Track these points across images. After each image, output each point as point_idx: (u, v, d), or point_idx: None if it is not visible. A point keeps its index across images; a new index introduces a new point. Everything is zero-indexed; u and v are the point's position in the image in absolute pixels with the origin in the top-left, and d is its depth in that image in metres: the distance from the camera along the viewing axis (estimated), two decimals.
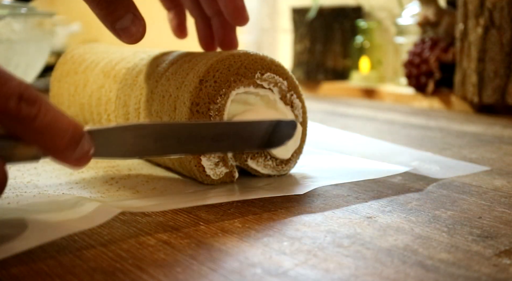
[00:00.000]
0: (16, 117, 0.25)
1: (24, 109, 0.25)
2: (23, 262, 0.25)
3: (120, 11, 0.34)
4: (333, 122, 0.67)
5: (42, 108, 0.25)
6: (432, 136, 0.58)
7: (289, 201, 0.35)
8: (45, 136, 0.25)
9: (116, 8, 0.34)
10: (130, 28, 0.35)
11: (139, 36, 0.35)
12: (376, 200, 0.35)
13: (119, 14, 0.35)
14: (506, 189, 0.37)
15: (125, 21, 0.35)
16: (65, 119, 0.26)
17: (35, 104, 0.25)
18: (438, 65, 0.82)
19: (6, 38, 0.68)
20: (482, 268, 0.25)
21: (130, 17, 0.35)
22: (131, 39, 0.35)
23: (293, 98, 0.39)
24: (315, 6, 1.01)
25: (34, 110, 0.25)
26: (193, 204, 0.32)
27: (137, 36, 0.35)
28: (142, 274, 0.24)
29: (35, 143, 0.26)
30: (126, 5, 0.35)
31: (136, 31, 0.35)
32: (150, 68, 0.41)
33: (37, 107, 0.25)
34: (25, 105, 0.25)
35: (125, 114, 0.42)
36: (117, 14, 0.34)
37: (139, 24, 0.35)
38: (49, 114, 0.25)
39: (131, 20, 0.35)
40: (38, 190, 0.36)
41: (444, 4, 0.89)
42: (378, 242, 0.28)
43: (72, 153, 0.27)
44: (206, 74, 0.36)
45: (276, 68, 0.38)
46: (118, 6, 0.34)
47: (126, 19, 0.35)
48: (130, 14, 0.35)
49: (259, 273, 0.24)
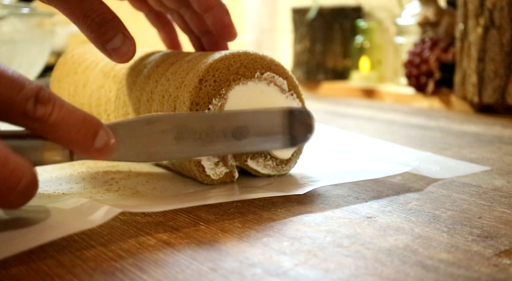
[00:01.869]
0: (33, 117, 0.26)
1: (40, 109, 0.27)
2: (23, 262, 0.25)
3: (111, 33, 0.35)
4: (333, 122, 0.67)
5: (56, 106, 0.27)
6: (432, 136, 0.58)
7: (289, 201, 0.35)
8: (62, 131, 0.27)
9: (107, 30, 0.35)
10: (121, 48, 0.36)
11: (130, 56, 0.36)
12: (376, 200, 0.35)
13: (110, 36, 0.35)
14: (506, 189, 0.37)
15: (115, 42, 0.36)
16: (78, 113, 0.28)
17: (49, 103, 0.27)
18: (438, 65, 0.82)
19: (10, 38, 0.68)
20: (482, 268, 0.25)
21: (120, 38, 0.36)
22: (122, 58, 0.36)
23: (293, 98, 0.39)
24: (315, 6, 1.01)
25: (49, 108, 0.27)
26: (193, 204, 0.32)
27: (128, 55, 0.36)
28: (142, 274, 0.24)
29: (54, 138, 0.28)
30: (116, 26, 0.36)
31: (127, 50, 0.36)
32: (150, 69, 0.41)
33: (51, 105, 0.27)
34: (40, 105, 0.27)
35: (125, 115, 0.42)
36: (107, 36, 0.35)
37: (129, 44, 0.36)
38: (63, 110, 0.27)
39: (121, 41, 0.36)
40: (38, 190, 0.36)
41: (444, 4, 0.89)
42: (378, 242, 0.28)
43: (91, 144, 0.28)
44: (205, 74, 0.36)
45: (276, 67, 0.38)
46: (108, 28, 0.35)
47: (117, 39, 0.36)
48: (120, 35, 0.36)
49: (259, 273, 0.24)
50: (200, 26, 0.44)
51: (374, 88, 0.94)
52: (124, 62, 0.37)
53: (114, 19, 0.36)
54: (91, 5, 0.35)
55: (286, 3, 1.24)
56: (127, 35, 0.36)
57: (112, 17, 0.36)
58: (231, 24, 0.41)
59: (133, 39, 0.36)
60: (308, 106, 0.41)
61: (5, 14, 0.68)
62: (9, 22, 0.68)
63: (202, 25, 0.44)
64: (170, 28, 0.48)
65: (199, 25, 0.44)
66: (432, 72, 0.82)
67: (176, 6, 0.44)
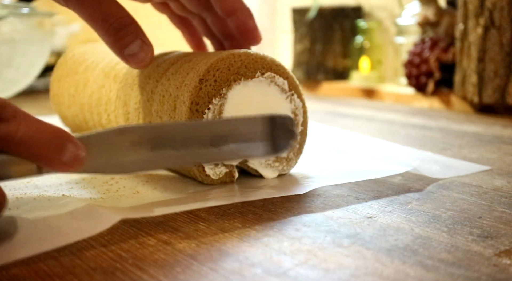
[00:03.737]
0: None
1: (4, 128, 0.25)
2: (23, 262, 0.25)
3: (129, 38, 0.35)
4: (333, 122, 0.67)
5: (21, 123, 0.26)
6: (432, 136, 0.58)
7: (289, 201, 0.35)
8: (29, 147, 0.26)
9: (125, 35, 0.35)
10: (139, 54, 0.35)
11: (147, 62, 0.36)
12: (376, 200, 0.35)
13: (128, 41, 0.35)
14: (506, 189, 0.37)
15: (133, 48, 0.35)
16: (45, 128, 0.27)
17: (14, 120, 0.26)
18: (438, 65, 0.82)
19: (9, 38, 0.68)
20: (482, 268, 0.25)
21: (138, 43, 0.35)
22: (139, 64, 0.36)
23: (293, 98, 0.39)
24: (315, 6, 1.01)
25: (14, 127, 0.26)
26: (193, 206, 0.32)
27: (146, 61, 0.36)
28: (142, 274, 0.24)
29: (19, 155, 0.27)
30: (134, 31, 0.35)
31: (144, 56, 0.36)
32: (150, 68, 0.41)
33: (17, 123, 0.26)
34: (4, 125, 0.25)
35: (125, 114, 0.42)
36: (125, 41, 0.35)
37: (147, 50, 0.36)
38: (29, 126, 0.26)
39: (139, 46, 0.35)
40: (38, 191, 0.36)
41: (444, 4, 0.89)
42: (378, 242, 0.28)
43: (59, 158, 0.27)
44: (206, 74, 0.36)
45: (276, 68, 0.38)
46: (126, 33, 0.35)
47: (135, 45, 0.35)
48: (138, 40, 0.35)
49: (259, 273, 0.24)
50: (223, 30, 0.43)
51: (374, 88, 0.94)
52: (142, 68, 0.36)
53: (132, 24, 0.35)
54: (109, 9, 0.35)
55: (286, 3, 1.24)
56: (145, 41, 0.35)
57: (131, 22, 0.35)
58: (255, 28, 0.41)
59: (151, 45, 0.36)
60: (308, 106, 0.41)
61: (5, 14, 0.68)
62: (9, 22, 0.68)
63: (224, 29, 0.43)
64: (194, 30, 0.47)
65: (222, 29, 0.43)
66: (432, 72, 0.82)
67: (198, 10, 0.43)
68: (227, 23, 0.42)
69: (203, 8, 0.42)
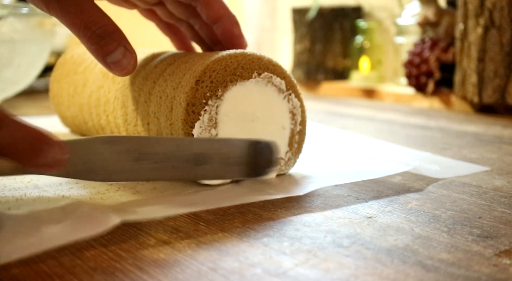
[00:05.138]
0: None
1: None
2: (23, 262, 0.25)
3: (111, 45, 0.35)
4: (333, 122, 0.67)
5: (9, 126, 0.26)
6: (432, 136, 0.58)
7: (289, 201, 0.35)
8: (11, 150, 0.27)
9: (107, 42, 0.35)
10: (122, 62, 0.35)
11: (130, 69, 0.36)
12: (376, 200, 0.35)
13: (110, 48, 0.35)
14: (506, 189, 0.37)
15: (116, 55, 0.35)
16: (26, 132, 0.27)
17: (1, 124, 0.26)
18: (438, 65, 0.82)
19: (9, 38, 0.68)
20: (482, 268, 0.25)
21: (121, 51, 0.35)
22: (122, 72, 0.36)
23: (291, 98, 0.39)
24: (315, 6, 1.01)
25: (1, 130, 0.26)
26: (193, 208, 0.32)
27: (128, 69, 0.36)
28: (142, 274, 0.24)
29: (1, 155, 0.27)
30: (117, 38, 0.35)
31: (127, 64, 0.36)
32: (148, 69, 0.41)
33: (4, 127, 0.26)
34: None
35: (124, 115, 0.42)
36: (108, 48, 0.35)
37: (130, 57, 0.35)
38: (11, 130, 0.27)
39: (122, 54, 0.35)
40: (38, 191, 0.36)
41: (444, 4, 0.89)
42: (378, 242, 0.28)
43: (37, 161, 0.28)
44: (202, 75, 0.36)
45: (273, 67, 0.38)
46: (109, 40, 0.35)
47: (118, 52, 0.35)
48: (121, 48, 0.35)
49: (259, 273, 0.24)
50: (211, 36, 0.43)
51: (374, 88, 0.94)
52: (124, 75, 0.36)
53: (115, 31, 0.35)
54: (92, 17, 0.35)
55: (286, 3, 1.24)
56: (128, 48, 0.35)
57: (114, 29, 0.35)
58: (240, 35, 0.41)
59: (135, 52, 0.36)
60: (308, 106, 0.41)
61: (5, 14, 0.68)
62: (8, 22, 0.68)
63: (212, 35, 0.43)
64: (182, 36, 0.46)
65: (210, 35, 0.43)
66: (432, 72, 0.82)
67: (185, 17, 0.43)
68: (214, 30, 0.42)
69: (190, 15, 0.42)
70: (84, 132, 0.53)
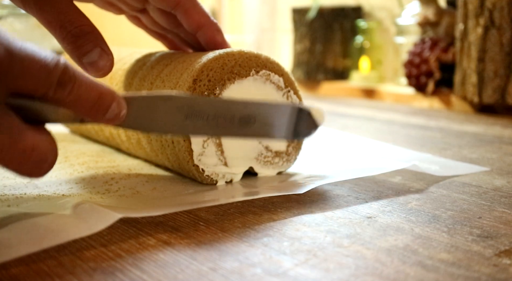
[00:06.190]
0: (53, 98, 0.27)
1: (59, 92, 0.27)
2: (23, 262, 0.25)
3: (87, 46, 0.35)
4: (333, 122, 0.67)
5: (75, 86, 0.27)
6: (432, 136, 0.58)
7: (289, 201, 0.35)
8: (78, 106, 0.28)
9: (83, 43, 0.35)
10: (98, 63, 0.35)
11: (106, 70, 0.36)
12: (376, 200, 0.35)
13: (86, 49, 0.35)
14: (506, 189, 0.37)
15: (92, 56, 0.35)
16: (95, 90, 0.28)
17: (69, 83, 0.27)
18: (438, 65, 0.82)
19: None
20: (482, 268, 0.25)
21: (98, 52, 0.35)
22: (98, 73, 0.36)
23: (290, 95, 0.39)
24: (315, 6, 1.01)
25: (68, 90, 0.27)
26: (193, 206, 0.32)
27: (104, 70, 0.36)
28: (142, 274, 0.24)
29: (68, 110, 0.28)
30: (93, 39, 0.35)
31: (103, 65, 0.35)
32: (145, 70, 0.41)
33: (71, 85, 0.27)
34: (61, 89, 0.27)
35: None
36: (84, 49, 0.35)
37: (106, 59, 0.35)
38: (81, 89, 0.28)
39: (98, 55, 0.35)
40: (38, 191, 0.36)
41: (444, 4, 0.89)
42: (378, 242, 0.28)
43: (103, 116, 0.29)
44: (200, 74, 0.36)
45: (271, 65, 0.38)
46: (85, 41, 0.35)
47: (94, 53, 0.35)
48: (97, 49, 0.35)
49: (259, 273, 0.24)
50: (198, 44, 0.42)
51: (374, 88, 0.94)
52: (100, 77, 0.36)
53: (92, 32, 0.35)
54: (68, 17, 0.34)
55: (286, 3, 1.24)
56: (105, 49, 0.35)
57: (90, 30, 0.35)
58: (224, 42, 0.40)
59: (111, 54, 0.36)
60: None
61: (4, 14, 0.68)
62: (8, 22, 0.68)
63: (198, 43, 0.42)
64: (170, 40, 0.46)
65: (197, 43, 0.42)
66: (432, 72, 0.82)
67: (169, 26, 0.42)
68: None
69: (173, 25, 0.42)
70: (84, 133, 0.53)
